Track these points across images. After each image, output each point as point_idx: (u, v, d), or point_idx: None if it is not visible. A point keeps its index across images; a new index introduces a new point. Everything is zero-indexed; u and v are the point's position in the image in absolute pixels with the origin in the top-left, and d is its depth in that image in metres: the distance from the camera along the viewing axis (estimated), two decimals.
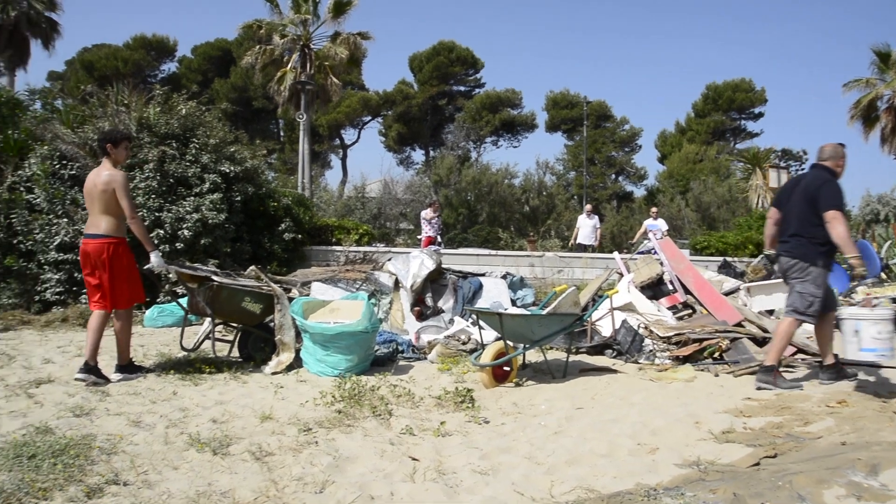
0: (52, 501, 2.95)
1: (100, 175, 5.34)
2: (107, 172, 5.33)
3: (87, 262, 5.32)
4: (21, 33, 23.41)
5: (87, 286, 5.47)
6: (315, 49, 22.91)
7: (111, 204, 5.30)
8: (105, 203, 5.29)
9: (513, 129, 43.58)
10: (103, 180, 5.29)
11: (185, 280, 5.84)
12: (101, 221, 5.30)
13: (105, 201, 5.28)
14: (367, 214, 22.73)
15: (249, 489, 3.13)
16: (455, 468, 3.48)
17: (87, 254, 5.30)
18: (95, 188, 5.29)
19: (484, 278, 7.96)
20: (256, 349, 6.18)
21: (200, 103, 10.83)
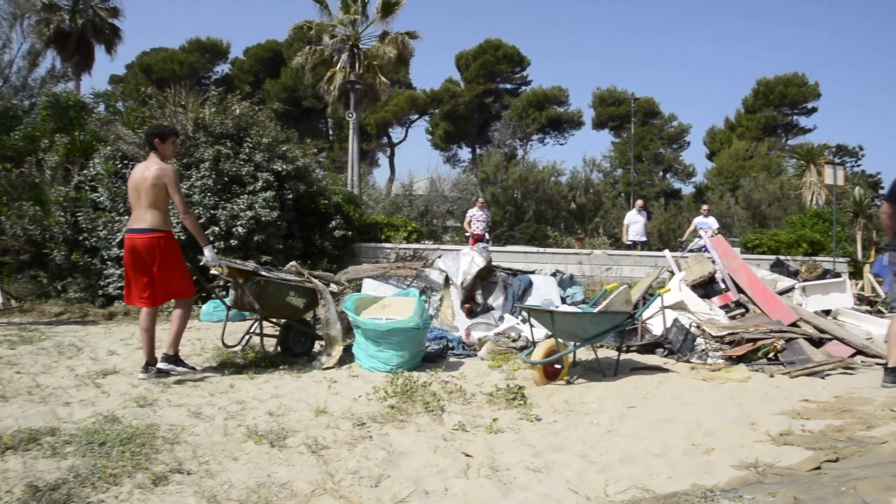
0: (121, 487, 3.06)
1: (148, 169, 5.25)
2: (156, 167, 5.24)
3: (135, 258, 5.21)
4: (87, 40, 24.33)
5: (131, 282, 5.33)
6: (363, 49, 23.11)
7: (159, 198, 5.22)
8: (153, 197, 5.19)
9: (559, 127, 43.30)
10: (153, 174, 5.20)
11: (233, 275, 5.89)
12: (148, 215, 5.21)
13: (154, 195, 5.19)
14: (414, 212, 22.87)
15: (306, 481, 3.20)
16: (508, 465, 3.49)
17: (135, 249, 5.19)
18: (144, 182, 5.19)
19: (534, 276, 7.95)
20: (297, 343, 6.26)
21: (253, 104, 11.06)
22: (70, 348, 6.37)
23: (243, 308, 6.08)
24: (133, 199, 5.32)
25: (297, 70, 26.63)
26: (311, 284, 6.11)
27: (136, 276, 5.26)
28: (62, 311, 8.78)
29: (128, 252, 5.25)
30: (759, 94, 41.54)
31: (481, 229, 14.26)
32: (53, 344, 6.55)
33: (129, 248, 5.24)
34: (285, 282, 5.96)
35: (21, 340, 6.67)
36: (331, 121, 40.43)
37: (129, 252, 5.23)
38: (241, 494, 3.02)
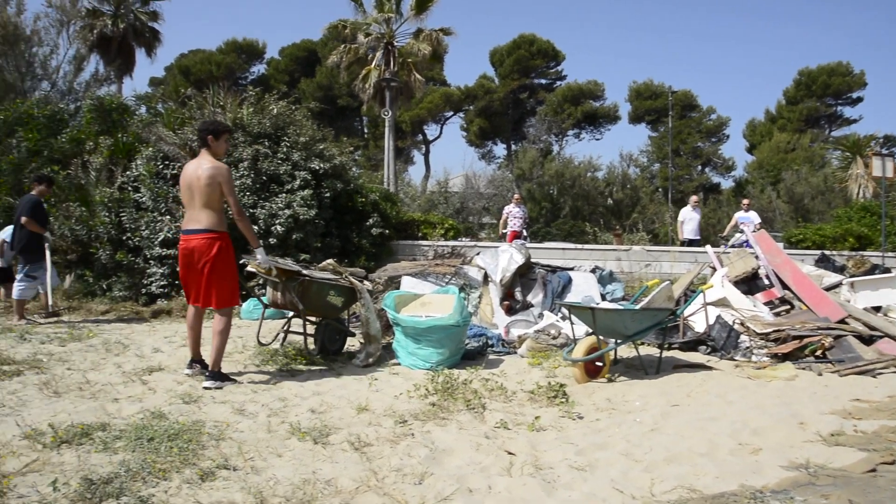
0: (170, 482, 3.12)
1: (201, 168, 5.06)
2: (210, 165, 5.05)
3: (189, 259, 5.07)
4: (128, 44, 24.94)
5: (188, 284, 5.22)
6: (398, 46, 23.20)
7: (214, 198, 5.05)
8: (208, 197, 5.02)
9: (595, 122, 42.83)
10: (207, 174, 5.02)
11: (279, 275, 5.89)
12: (203, 216, 5.04)
13: (208, 195, 5.02)
14: (450, 209, 22.90)
15: (350, 478, 3.22)
16: (551, 463, 3.48)
17: (189, 250, 5.03)
18: (198, 181, 5.02)
19: (573, 272, 7.89)
20: (332, 341, 6.27)
21: (289, 103, 11.17)
22: (117, 346, 6.52)
23: (282, 307, 6.12)
24: (186, 199, 5.16)
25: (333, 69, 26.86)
26: (350, 283, 6.12)
27: (191, 276, 5.15)
28: (108, 310, 9.00)
29: (182, 253, 5.13)
30: (801, 85, 40.50)
31: (518, 226, 14.20)
32: (101, 341, 6.71)
33: (183, 249, 5.12)
34: (327, 281, 5.97)
35: (70, 338, 6.85)
36: (366, 119, 40.64)
37: (184, 253, 5.11)
38: (287, 491, 3.06)
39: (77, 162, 10.83)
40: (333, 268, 6.39)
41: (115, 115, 11.52)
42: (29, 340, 6.67)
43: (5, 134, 11.10)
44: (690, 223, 15.00)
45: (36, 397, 4.62)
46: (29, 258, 8.02)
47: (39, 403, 4.47)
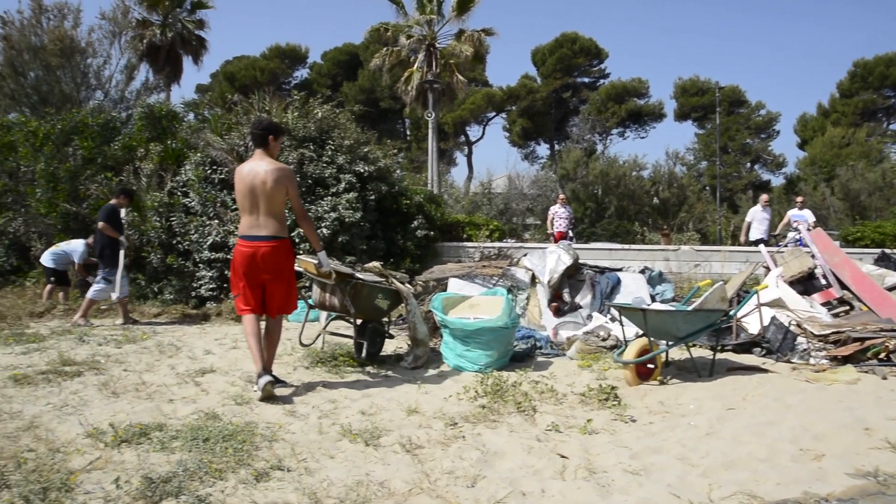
0: (226, 482, 3.17)
1: (262, 168, 4.78)
2: (273, 167, 4.79)
3: (252, 266, 4.80)
4: (175, 52, 25.57)
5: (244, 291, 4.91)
6: (440, 48, 23.27)
7: (278, 201, 4.81)
8: (274, 200, 4.77)
9: (640, 120, 42.33)
10: (273, 176, 4.74)
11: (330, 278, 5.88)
12: (270, 221, 4.80)
13: (274, 198, 4.77)
14: (493, 210, 22.83)
15: (403, 480, 3.23)
16: (605, 467, 3.43)
17: (255, 257, 4.77)
18: (262, 184, 4.73)
19: (622, 273, 7.78)
20: (373, 343, 6.13)
21: (333, 107, 11.26)
22: (169, 347, 6.66)
23: (330, 308, 6.13)
24: (248, 203, 4.82)
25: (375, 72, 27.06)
26: (396, 287, 6.06)
27: (250, 284, 4.87)
28: (160, 312, 9.19)
29: (244, 259, 4.82)
30: (857, 77, 39.18)
31: (564, 226, 14.08)
32: (154, 343, 6.86)
33: (246, 255, 4.81)
34: (377, 285, 5.93)
35: (126, 340, 7.03)
36: (408, 121, 40.86)
37: (247, 259, 4.81)
38: (340, 492, 3.08)
39: (129, 168, 11.11)
40: (379, 270, 6.39)
41: (164, 122, 11.78)
42: (87, 342, 6.86)
43: (62, 142, 11.45)
44: (760, 224, 13.85)
45: (96, 397, 4.75)
46: (106, 262, 8.38)
47: (99, 403, 4.60)
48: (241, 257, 4.86)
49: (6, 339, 6.97)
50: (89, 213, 10.76)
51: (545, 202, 26.56)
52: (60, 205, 10.83)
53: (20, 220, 11.28)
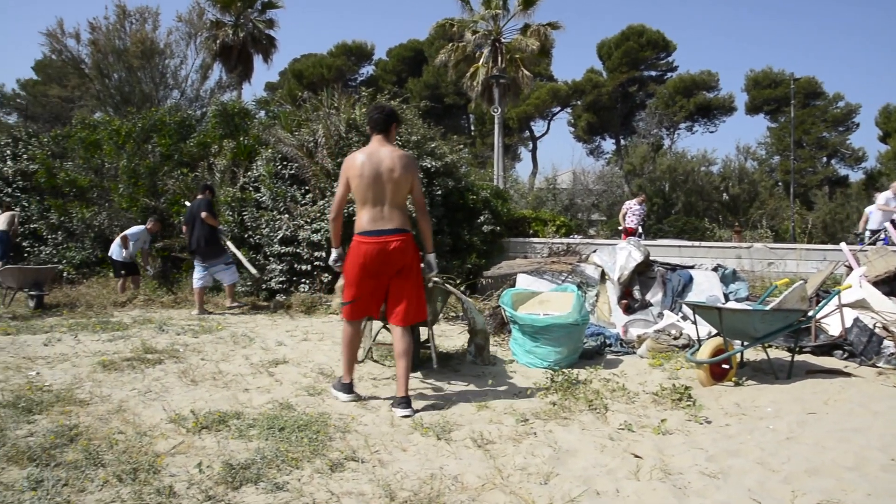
0: (302, 470, 3.24)
1: (387, 155, 4.36)
2: (400, 153, 4.41)
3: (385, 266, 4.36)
4: (247, 51, 26.42)
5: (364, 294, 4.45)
6: (505, 42, 23.19)
7: (405, 191, 4.41)
8: (400, 189, 4.36)
9: (709, 114, 41.18)
10: (402, 163, 4.36)
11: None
12: (396, 214, 4.37)
13: (400, 187, 4.36)
14: (558, 206, 22.62)
15: (475, 475, 3.23)
16: (681, 469, 3.35)
17: (385, 253, 4.31)
18: (390, 172, 4.32)
19: (694, 271, 7.58)
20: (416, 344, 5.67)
21: (399, 103, 11.35)
22: (243, 338, 6.85)
23: None
24: (370, 194, 4.34)
25: (440, 68, 27.21)
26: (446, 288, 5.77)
27: (374, 286, 4.44)
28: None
29: (371, 257, 4.33)
30: None
31: (635, 223, 13.86)
32: (229, 334, 7.08)
33: (373, 252, 4.32)
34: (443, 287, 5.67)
35: (202, 330, 7.28)
36: (472, 116, 40.85)
37: (375, 257, 4.33)
38: (414, 485, 3.10)
39: (203, 164, 11.49)
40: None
41: (237, 120, 12.13)
42: (166, 332, 7.14)
43: (142, 140, 11.95)
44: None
45: (176, 384, 4.94)
46: (215, 251, 8.93)
47: (179, 390, 4.78)
48: (365, 256, 4.34)
49: (94, 326, 7.36)
50: (167, 206, 11.19)
51: (611, 198, 26.18)
52: (140, 199, 11.31)
53: (104, 215, 11.83)
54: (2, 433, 3.64)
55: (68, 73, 18.70)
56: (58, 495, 2.88)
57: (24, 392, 4.55)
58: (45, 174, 12.31)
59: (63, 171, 12.25)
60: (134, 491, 2.92)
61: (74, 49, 17.60)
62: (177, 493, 2.92)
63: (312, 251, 9.62)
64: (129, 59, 16.59)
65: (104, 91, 16.91)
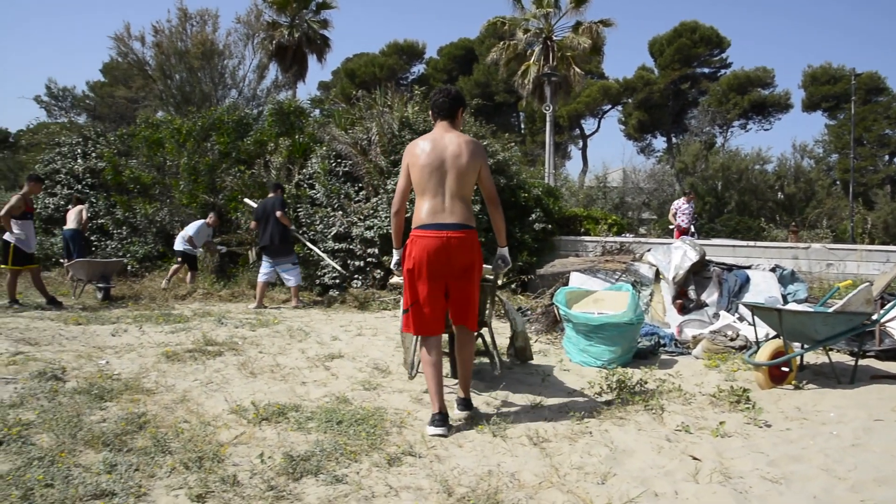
0: (360, 464, 3.29)
1: (452, 141, 3.94)
2: (467, 139, 3.97)
3: (445, 263, 3.89)
4: (301, 51, 26.92)
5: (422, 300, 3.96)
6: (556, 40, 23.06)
7: (470, 181, 3.98)
8: (465, 179, 3.92)
9: (763, 111, 40.14)
10: (469, 149, 3.92)
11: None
12: (459, 206, 3.91)
13: (466, 176, 3.91)
14: (608, 204, 22.39)
15: (532, 473, 3.23)
16: (741, 472, 3.29)
17: (446, 250, 3.86)
18: (456, 159, 3.89)
19: (751, 271, 7.43)
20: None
21: None
22: (299, 332, 6.99)
23: None
24: (433, 183, 3.92)
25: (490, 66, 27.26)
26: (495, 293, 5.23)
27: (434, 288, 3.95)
28: (287, 299, 9.66)
29: (430, 254, 3.86)
30: None
31: (686, 222, 13.64)
32: (285, 328, 7.23)
33: (433, 249, 3.86)
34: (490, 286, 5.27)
35: (259, 323, 7.45)
36: (522, 114, 40.73)
37: (434, 254, 3.86)
38: (471, 481, 3.11)
39: (260, 162, 11.75)
40: None
41: (292, 118, 12.36)
42: (225, 325, 7.34)
43: (202, 138, 12.30)
44: None
45: (236, 376, 5.07)
46: (286, 249, 9.16)
47: (239, 382, 4.91)
48: (425, 252, 3.87)
49: (157, 318, 7.61)
50: (224, 203, 11.47)
51: (662, 196, 25.78)
52: (200, 196, 11.64)
53: (165, 210, 12.24)
54: (79, 418, 3.82)
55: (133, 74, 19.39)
56: (130, 479, 2.99)
57: (96, 380, 4.75)
58: (111, 171, 12.82)
59: (128, 169, 12.72)
60: (200, 478, 3.01)
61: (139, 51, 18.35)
62: (240, 483, 3.00)
63: (365, 247, 9.74)
64: (190, 60, 17.12)
65: (166, 91, 17.50)
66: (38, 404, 4.12)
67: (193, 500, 2.84)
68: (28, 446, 3.38)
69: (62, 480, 2.93)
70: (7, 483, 2.91)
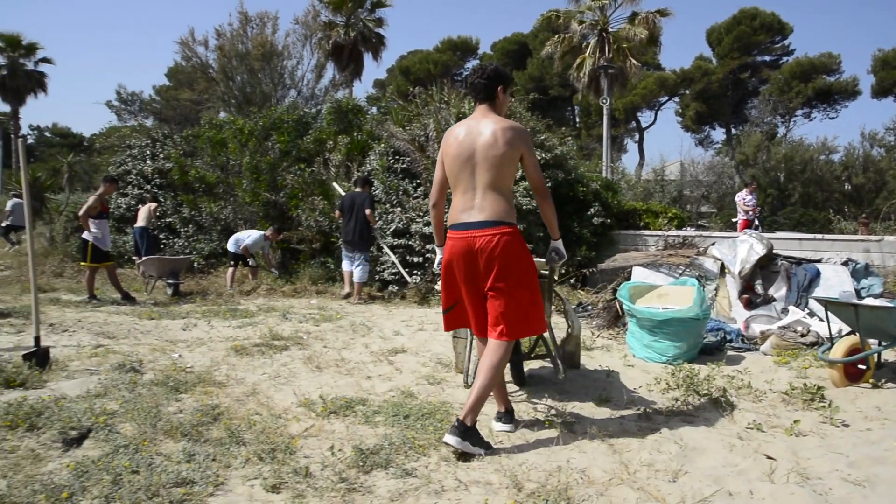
0: (429, 458, 3.32)
1: (488, 127, 3.49)
2: (504, 125, 3.50)
3: (469, 265, 3.54)
4: (357, 50, 27.43)
5: (455, 303, 3.76)
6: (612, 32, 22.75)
7: (508, 173, 3.52)
8: (498, 171, 3.47)
9: (829, 99, 38.72)
10: (506, 136, 3.45)
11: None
12: (490, 201, 3.49)
13: (502, 167, 3.47)
14: (666, 197, 21.96)
15: (601, 469, 3.20)
16: (819, 473, 3.18)
17: (468, 253, 3.50)
18: (488, 148, 3.46)
19: (821, 265, 7.18)
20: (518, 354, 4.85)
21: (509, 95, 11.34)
22: (361, 327, 7.09)
23: None
24: (464, 176, 3.54)
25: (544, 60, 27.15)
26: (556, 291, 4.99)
27: (470, 293, 3.64)
28: (349, 294, 9.80)
29: (457, 258, 3.56)
30: None
31: (750, 215, 13.30)
32: (348, 322, 7.34)
33: (460, 251, 3.54)
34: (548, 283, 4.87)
35: (322, 318, 7.59)
36: (577, 108, 40.31)
37: (461, 258, 3.54)
38: (540, 476, 3.11)
39: (319, 160, 11.93)
40: None
41: (350, 116, 12.51)
42: (289, 319, 7.50)
43: (263, 138, 12.57)
44: None
45: (302, 370, 5.18)
46: (365, 245, 9.43)
47: (306, 376, 5.01)
48: (451, 255, 3.60)
49: (224, 314, 7.84)
50: (286, 200, 11.70)
51: (721, 189, 25.15)
52: (262, 194, 11.90)
53: (229, 209, 12.57)
54: (157, 409, 3.97)
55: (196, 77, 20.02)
56: (208, 468, 3.10)
57: (171, 372, 4.93)
58: (178, 171, 13.25)
59: (193, 169, 13.12)
60: (273, 469, 3.09)
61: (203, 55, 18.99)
62: (312, 474, 3.07)
63: (424, 243, 9.80)
64: (250, 62, 17.59)
65: (228, 92, 18.01)
66: (120, 395, 4.30)
67: (268, 491, 2.91)
68: (114, 434, 3.54)
69: (146, 468, 3.06)
70: (98, 468, 3.07)
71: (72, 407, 3.94)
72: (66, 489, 2.83)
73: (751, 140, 29.34)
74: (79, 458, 3.23)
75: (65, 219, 15.13)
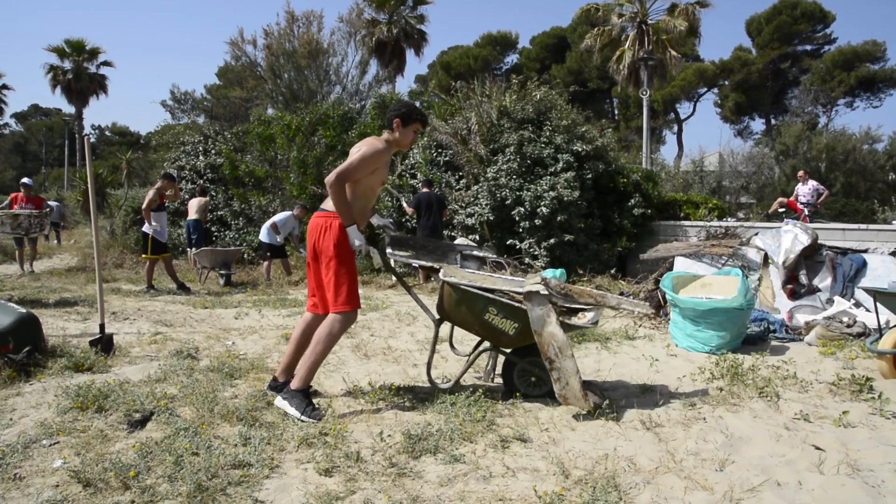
0: (476, 444, 3.39)
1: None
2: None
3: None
4: (400, 46, 27.83)
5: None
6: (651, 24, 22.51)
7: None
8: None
9: (872, 87, 37.44)
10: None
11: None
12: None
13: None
14: (705, 188, 21.67)
15: (647, 458, 3.24)
16: (870, 465, 3.14)
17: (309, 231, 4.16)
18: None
19: (867, 255, 7.05)
20: (524, 382, 4.31)
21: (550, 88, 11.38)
22: (406, 316, 7.21)
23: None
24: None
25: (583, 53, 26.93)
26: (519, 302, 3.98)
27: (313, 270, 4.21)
28: (393, 284, 9.95)
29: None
30: None
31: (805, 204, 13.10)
32: (393, 312, 7.48)
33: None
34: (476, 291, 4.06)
35: (369, 308, 7.75)
36: (616, 100, 39.89)
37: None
38: (587, 464, 3.16)
39: None
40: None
41: None
42: None
43: (310, 133, 12.83)
44: None
45: (351, 358, 5.32)
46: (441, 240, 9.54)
47: (354, 364, 5.15)
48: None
49: (274, 303, 8.07)
50: None
51: (761, 179, 24.71)
52: (309, 187, 12.14)
53: (278, 202, 12.90)
54: (214, 394, 4.13)
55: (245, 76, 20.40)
56: (263, 452, 3.23)
57: (225, 359, 5.11)
58: (228, 166, 13.59)
59: (243, 164, 13.47)
60: (325, 454, 3.20)
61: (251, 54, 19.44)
62: (363, 459, 3.17)
63: (467, 234, 9.90)
64: (297, 60, 17.92)
65: (276, 90, 18.41)
66: (179, 380, 4.48)
67: (321, 474, 3.02)
68: (174, 417, 3.71)
69: (205, 450, 3.20)
70: (161, 449, 3.23)
71: (135, 391, 4.14)
72: (132, 468, 2.98)
73: (791, 130, 28.67)
74: (143, 439, 3.40)
75: (124, 213, 15.66)
